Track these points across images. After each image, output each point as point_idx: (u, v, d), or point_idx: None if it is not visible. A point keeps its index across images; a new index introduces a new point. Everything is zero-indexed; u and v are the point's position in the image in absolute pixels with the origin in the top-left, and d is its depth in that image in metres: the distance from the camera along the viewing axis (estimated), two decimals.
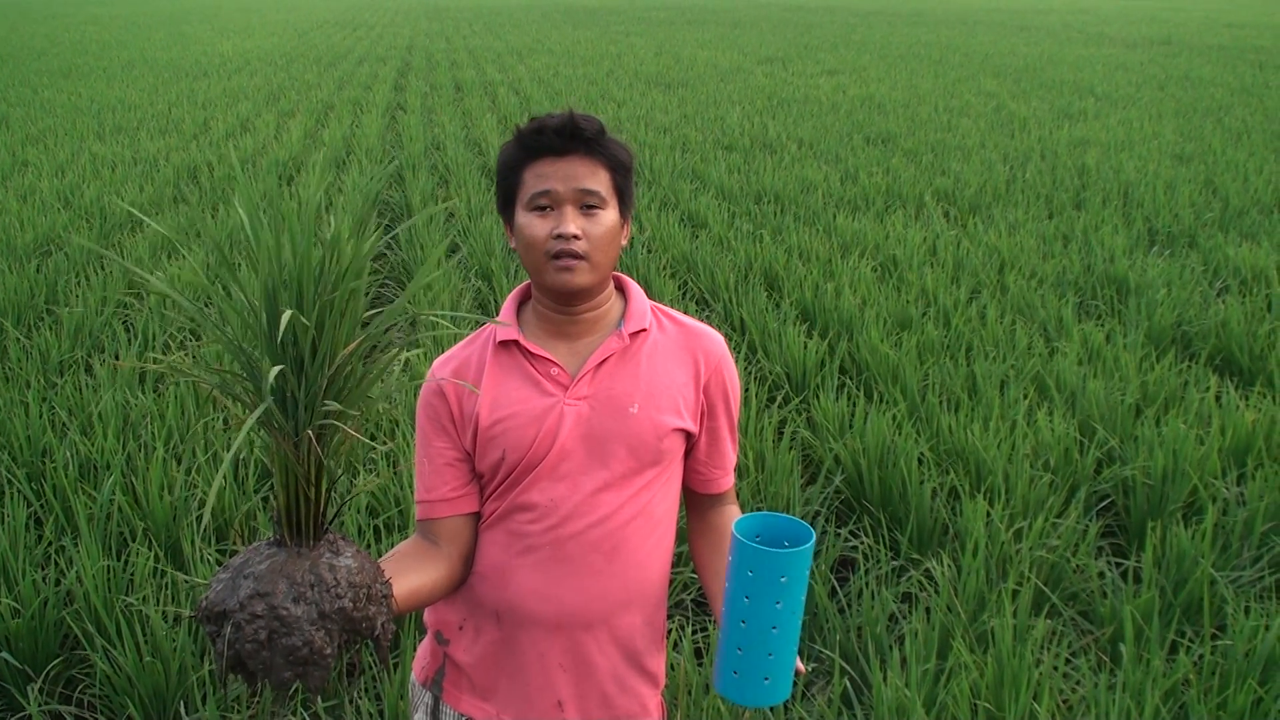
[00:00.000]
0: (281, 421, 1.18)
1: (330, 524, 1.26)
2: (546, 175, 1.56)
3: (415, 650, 2.55)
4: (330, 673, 1.18)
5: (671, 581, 3.32)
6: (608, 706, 1.67)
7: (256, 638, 1.16)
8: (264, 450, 3.87)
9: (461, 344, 1.68)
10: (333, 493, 1.25)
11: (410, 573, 1.50)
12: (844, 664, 2.96)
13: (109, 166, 9.76)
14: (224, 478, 3.66)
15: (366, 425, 4.08)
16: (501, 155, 1.62)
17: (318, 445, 1.19)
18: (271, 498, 3.72)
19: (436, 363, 1.67)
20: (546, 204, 1.56)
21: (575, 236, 1.54)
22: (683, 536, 3.01)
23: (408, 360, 4.42)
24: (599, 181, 1.57)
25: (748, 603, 1.42)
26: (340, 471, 1.21)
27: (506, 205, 1.62)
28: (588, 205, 1.56)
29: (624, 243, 1.64)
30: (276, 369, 1.13)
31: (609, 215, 1.58)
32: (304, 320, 1.14)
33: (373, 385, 1.23)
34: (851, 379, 4.86)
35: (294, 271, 1.16)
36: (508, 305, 1.67)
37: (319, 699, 2.82)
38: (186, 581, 3.15)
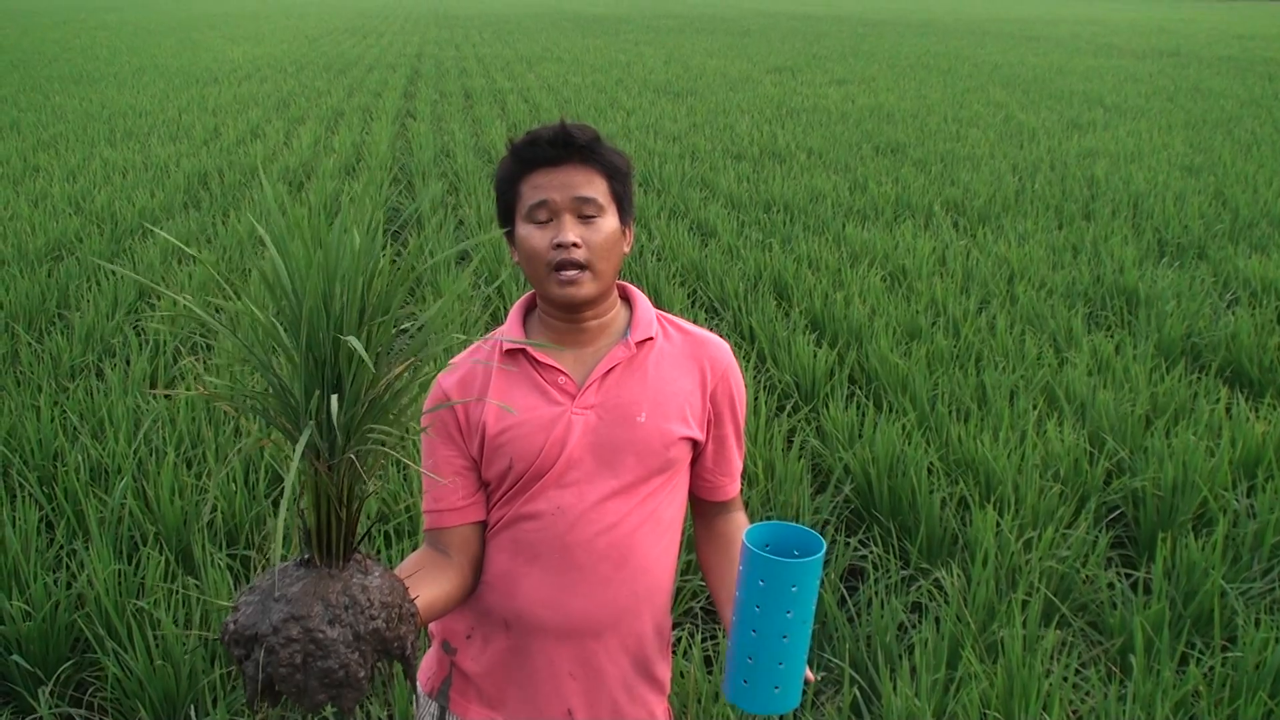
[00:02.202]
0: (320, 444, 1.17)
1: (359, 544, 1.25)
2: (542, 186, 1.56)
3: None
4: (364, 695, 1.17)
5: (680, 590, 3.32)
6: (617, 715, 1.67)
7: (291, 661, 1.14)
8: (273, 457, 3.87)
9: (466, 353, 1.68)
10: (361, 512, 1.24)
11: (425, 585, 1.50)
12: (853, 673, 2.95)
13: (120, 172, 9.80)
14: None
15: (407, 442, 4.09)
16: (498, 171, 1.63)
17: (360, 466, 1.18)
18: (284, 504, 3.72)
19: (441, 373, 1.66)
20: (545, 215, 1.56)
21: (575, 245, 1.54)
22: (690, 544, 3.01)
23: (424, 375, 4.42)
24: (596, 189, 1.57)
25: (758, 612, 1.42)
26: (370, 490, 1.20)
27: (507, 220, 1.63)
28: (586, 214, 1.56)
29: (626, 249, 1.64)
30: (335, 397, 1.11)
31: (608, 222, 1.58)
32: (361, 350, 1.11)
33: (412, 403, 1.22)
34: (861, 388, 4.86)
35: (337, 297, 1.15)
36: (514, 314, 1.67)
37: (328, 705, 2.82)
38: (197, 586, 3.16)
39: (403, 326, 1.24)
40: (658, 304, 5.87)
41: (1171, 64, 22.28)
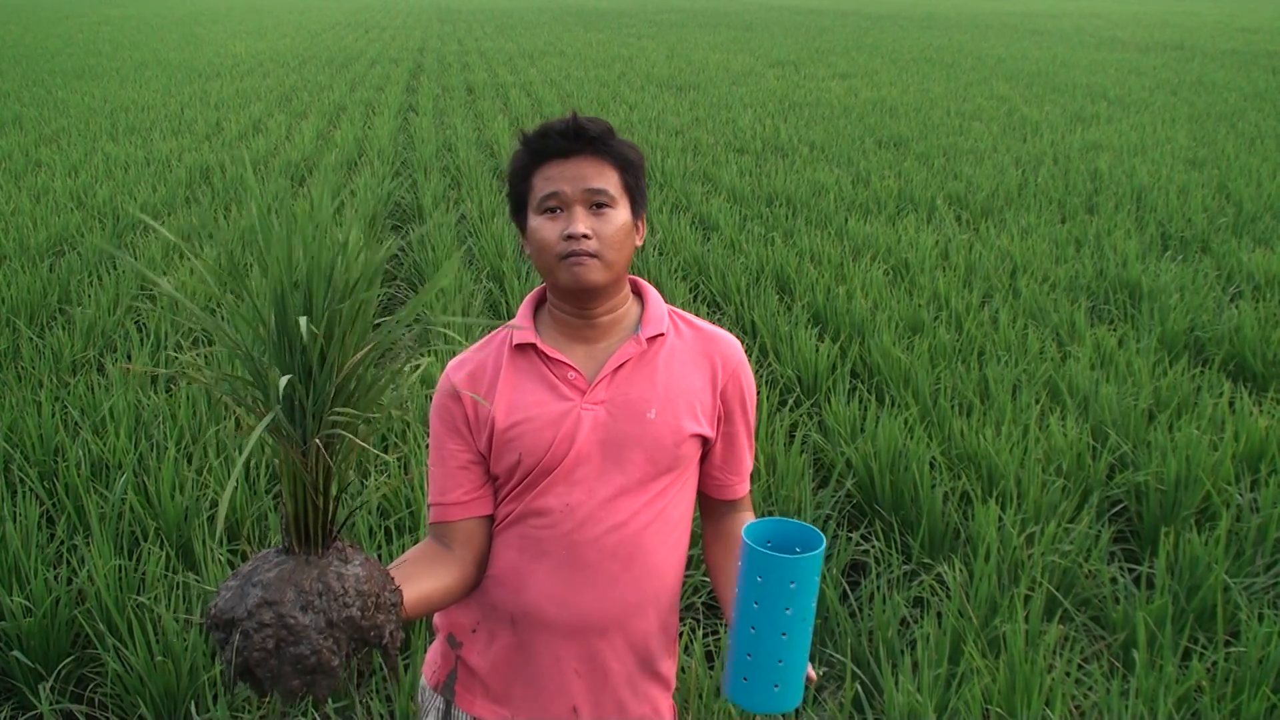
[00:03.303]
0: (289, 429, 1.17)
1: (339, 532, 1.25)
2: (554, 177, 1.56)
3: (425, 653, 2.54)
4: (338, 682, 1.17)
5: (682, 585, 3.31)
6: (622, 712, 1.66)
7: (264, 646, 1.15)
8: (274, 455, 3.87)
9: (475, 347, 1.67)
10: (341, 501, 1.24)
11: (422, 578, 1.49)
12: (855, 668, 2.95)
13: (122, 167, 9.80)
14: (236, 481, 3.68)
15: (378, 431, 4.09)
16: (511, 163, 1.63)
17: (325, 453, 1.18)
18: (281, 502, 3.72)
19: (450, 365, 1.66)
20: (555, 205, 1.56)
21: (585, 236, 1.54)
22: (694, 539, 3.01)
23: (420, 366, 4.41)
24: (607, 180, 1.57)
25: (757, 608, 1.41)
26: (351, 479, 1.22)
27: (518, 211, 1.63)
28: (597, 204, 1.56)
29: (639, 242, 1.63)
30: (285, 379, 1.11)
31: (619, 214, 1.57)
32: (314, 329, 1.13)
33: (383, 393, 1.22)
34: (863, 382, 4.85)
35: (304, 279, 1.15)
36: (524, 308, 1.67)
37: (330, 700, 2.82)
38: (198, 581, 3.16)
39: (384, 318, 1.24)
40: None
41: (1175, 57, 22.22)
